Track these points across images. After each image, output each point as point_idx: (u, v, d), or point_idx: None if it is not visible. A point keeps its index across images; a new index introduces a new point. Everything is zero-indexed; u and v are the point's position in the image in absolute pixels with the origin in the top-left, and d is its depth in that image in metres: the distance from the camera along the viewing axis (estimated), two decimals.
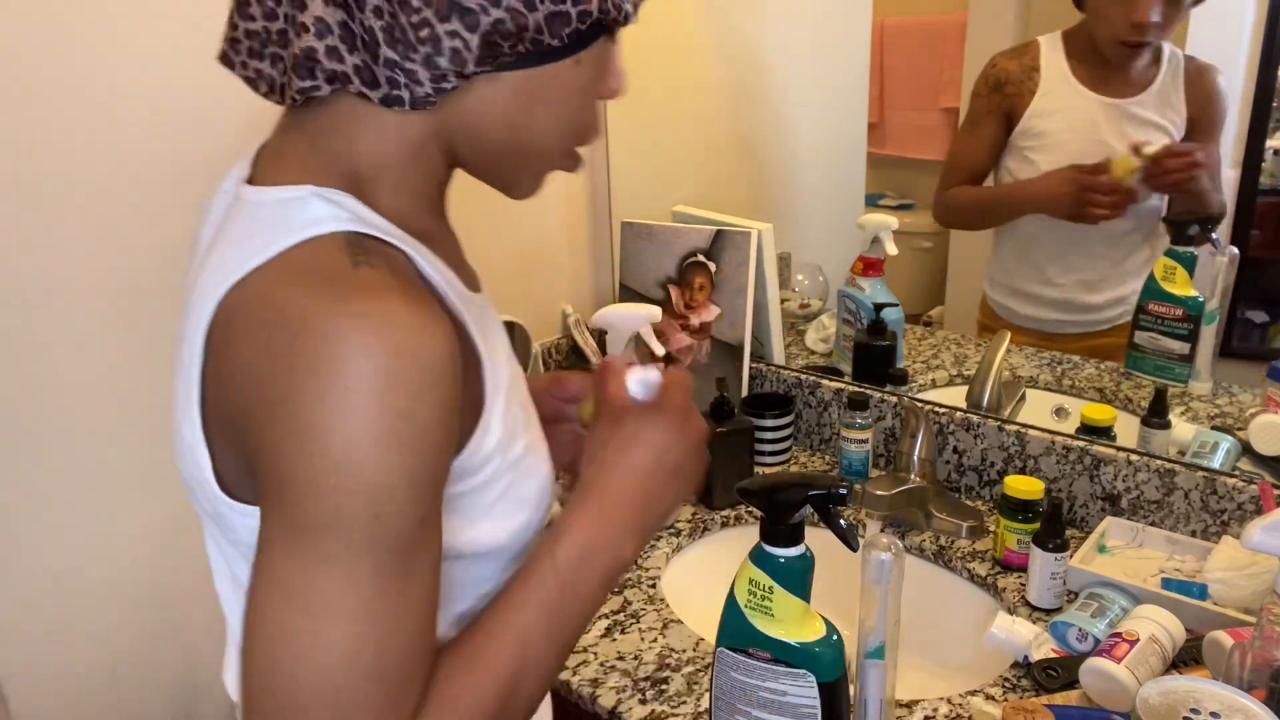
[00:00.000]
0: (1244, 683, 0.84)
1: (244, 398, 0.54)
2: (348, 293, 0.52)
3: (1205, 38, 1.21)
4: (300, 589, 0.52)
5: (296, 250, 0.55)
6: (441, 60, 0.57)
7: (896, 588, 0.87)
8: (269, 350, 0.52)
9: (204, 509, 0.63)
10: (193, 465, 0.60)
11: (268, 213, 0.58)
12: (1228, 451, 1.21)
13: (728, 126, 1.76)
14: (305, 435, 0.51)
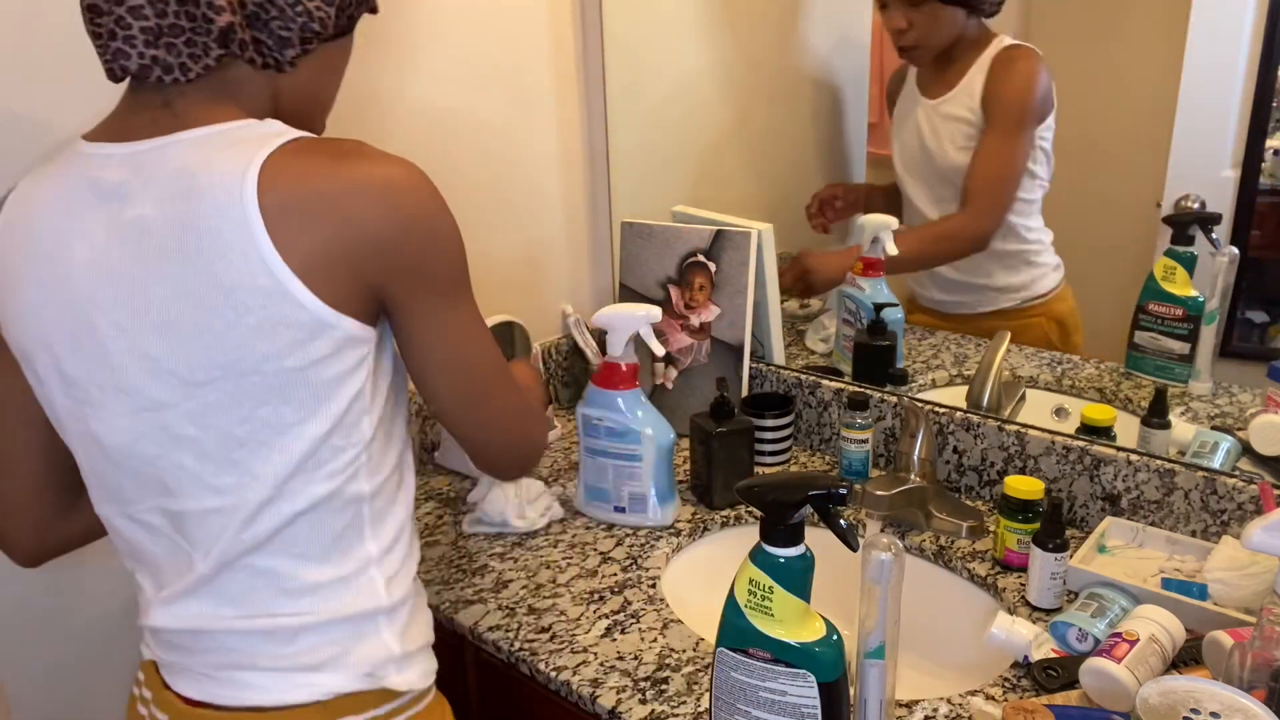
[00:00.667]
0: (1244, 683, 0.84)
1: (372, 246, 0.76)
2: (386, 159, 0.79)
3: (1205, 38, 1.21)
4: (467, 322, 0.86)
5: (296, 143, 0.76)
6: (314, 26, 0.80)
7: (896, 588, 0.87)
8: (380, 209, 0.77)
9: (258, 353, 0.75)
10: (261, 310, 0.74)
11: (236, 133, 0.77)
12: (1228, 451, 1.21)
13: (728, 127, 1.76)
14: (436, 245, 0.81)
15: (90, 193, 0.77)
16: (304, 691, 0.83)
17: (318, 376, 0.77)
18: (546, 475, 1.49)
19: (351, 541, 0.83)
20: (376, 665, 0.85)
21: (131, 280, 0.76)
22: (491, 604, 1.18)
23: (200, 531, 0.82)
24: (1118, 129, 1.33)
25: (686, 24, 1.71)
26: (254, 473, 0.79)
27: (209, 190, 0.73)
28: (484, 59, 1.55)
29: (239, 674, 0.84)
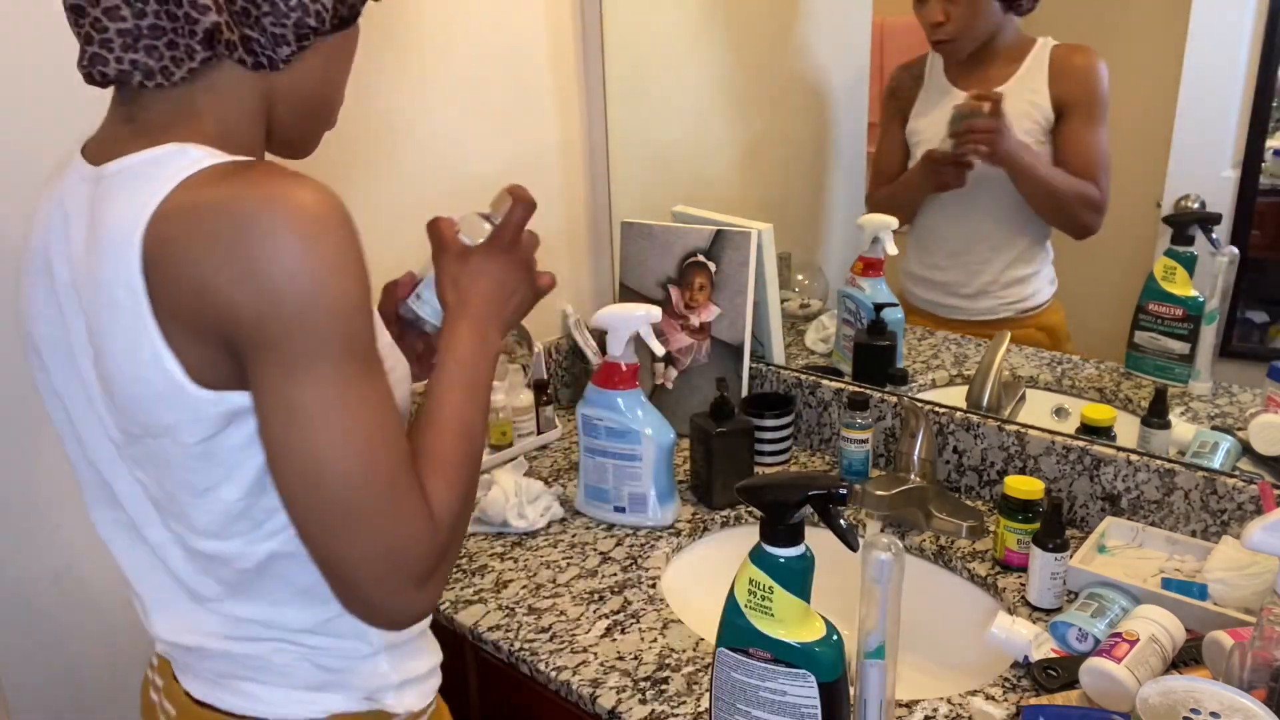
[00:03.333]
0: (1244, 683, 0.84)
1: (207, 287, 0.64)
2: (257, 178, 0.66)
3: (1205, 38, 1.21)
4: (315, 407, 0.66)
5: (191, 179, 0.66)
6: (310, 21, 0.73)
7: (896, 588, 0.87)
8: (218, 242, 0.64)
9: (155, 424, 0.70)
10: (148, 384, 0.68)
11: (149, 168, 0.68)
12: (1228, 451, 1.21)
13: (728, 126, 1.76)
14: (279, 289, 0.64)
15: (61, 219, 0.74)
16: (303, 708, 0.84)
17: (217, 448, 0.71)
18: (546, 475, 1.49)
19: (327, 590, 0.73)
20: (374, 691, 0.86)
21: (87, 322, 0.72)
22: (491, 604, 1.18)
23: (177, 565, 0.81)
24: (1118, 129, 1.33)
25: (686, 25, 1.71)
26: (193, 525, 0.76)
27: (109, 245, 0.67)
28: (484, 59, 1.55)
29: (241, 684, 0.84)
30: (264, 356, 0.65)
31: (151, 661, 0.94)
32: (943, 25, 1.42)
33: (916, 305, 1.55)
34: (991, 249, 1.47)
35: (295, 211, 0.64)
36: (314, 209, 0.65)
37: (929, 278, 1.53)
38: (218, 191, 0.65)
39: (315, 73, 0.77)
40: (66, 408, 0.80)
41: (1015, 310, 1.47)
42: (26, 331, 0.82)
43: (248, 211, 0.64)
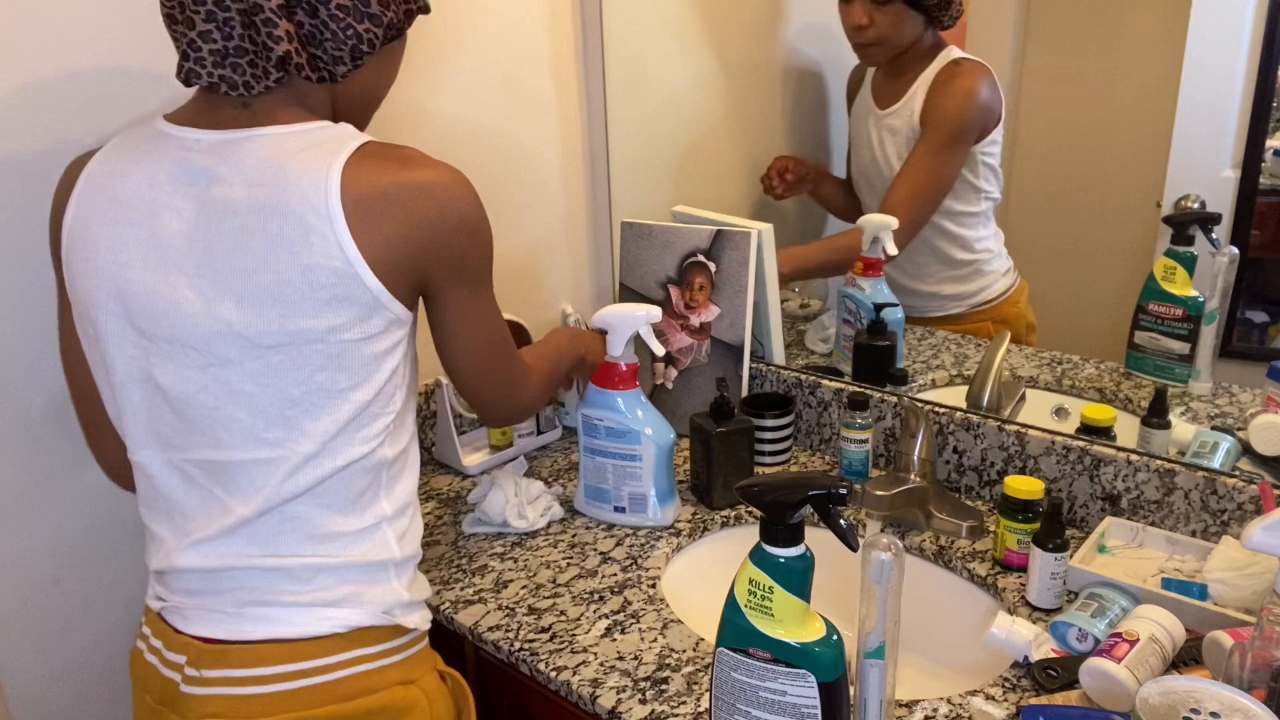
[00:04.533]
0: (1244, 683, 0.85)
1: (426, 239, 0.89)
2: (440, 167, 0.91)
3: (1205, 38, 1.21)
4: (488, 309, 1.00)
5: (368, 147, 0.88)
6: (364, 47, 0.91)
7: (896, 588, 0.87)
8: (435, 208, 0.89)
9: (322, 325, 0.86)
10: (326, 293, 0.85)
11: (315, 134, 0.89)
12: (1228, 451, 1.21)
13: (728, 127, 1.76)
14: (474, 233, 0.94)
15: (180, 171, 0.88)
16: (326, 624, 0.92)
17: (370, 350, 0.89)
18: (546, 475, 1.49)
19: (371, 500, 0.94)
20: (390, 606, 0.96)
21: (216, 251, 0.86)
22: (491, 604, 1.18)
23: (243, 479, 0.91)
24: (1118, 129, 1.33)
25: (686, 24, 1.71)
26: (304, 430, 0.89)
27: (296, 182, 0.84)
28: (484, 60, 1.55)
29: (261, 609, 0.92)
30: (458, 279, 0.94)
31: (142, 631, 0.99)
32: (865, 29, 1.43)
33: None
34: (916, 265, 1.50)
35: (466, 185, 0.92)
36: (469, 188, 0.92)
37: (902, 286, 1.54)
38: (426, 172, 0.89)
39: (370, 78, 0.97)
40: (143, 345, 0.90)
41: (966, 306, 1.49)
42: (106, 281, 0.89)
43: (453, 191, 0.91)
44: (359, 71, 0.93)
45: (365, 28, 0.90)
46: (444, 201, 0.90)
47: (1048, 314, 1.46)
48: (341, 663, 0.93)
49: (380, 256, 0.86)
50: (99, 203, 0.90)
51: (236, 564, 0.92)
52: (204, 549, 0.93)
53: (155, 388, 0.91)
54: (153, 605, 0.98)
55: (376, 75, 0.98)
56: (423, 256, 0.90)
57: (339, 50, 0.90)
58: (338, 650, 0.93)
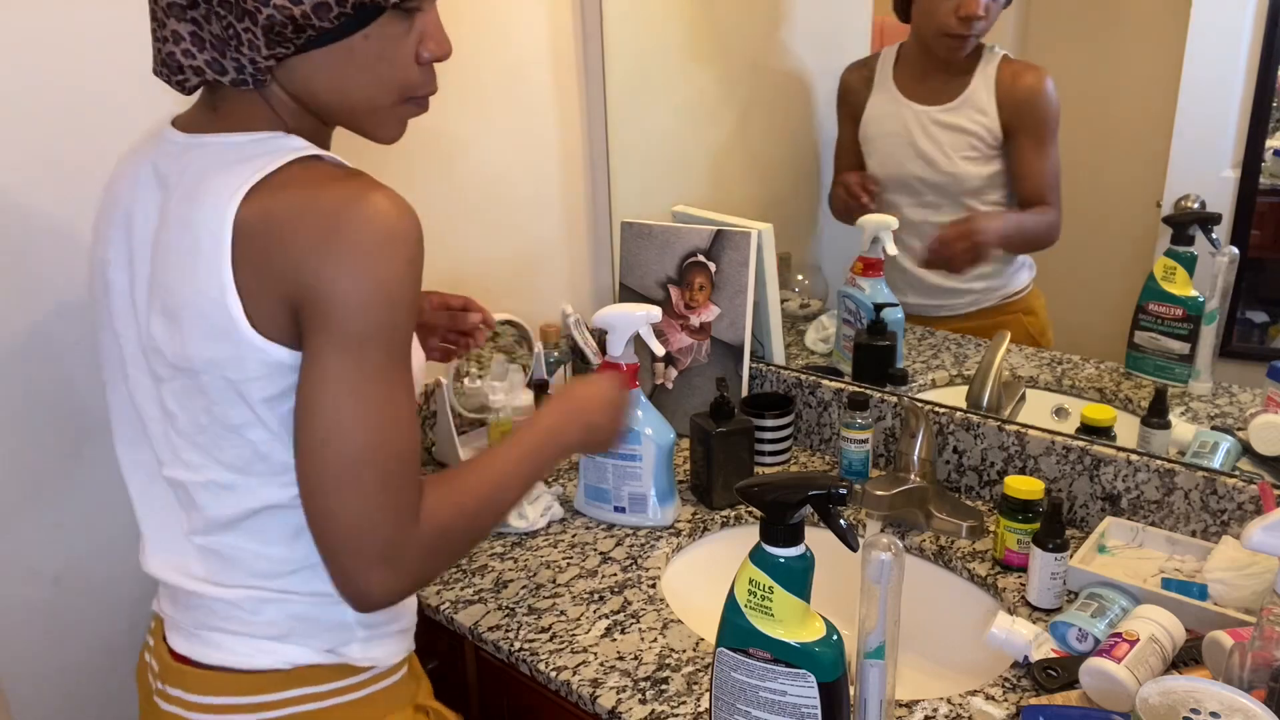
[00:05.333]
0: (1244, 683, 0.84)
1: (296, 262, 0.75)
2: (359, 187, 0.77)
3: (1205, 38, 1.21)
4: (348, 381, 0.76)
5: (293, 166, 0.78)
6: (245, 51, 0.78)
7: (896, 588, 0.87)
8: (320, 228, 0.75)
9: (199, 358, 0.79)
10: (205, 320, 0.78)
11: (251, 148, 0.80)
12: (1228, 451, 1.21)
13: (728, 126, 1.76)
14: (355, 275, 0.75)
15: (152, 175, 0.85)
16: (268, 658, 0.88)
17: (255, 392, 0.79)
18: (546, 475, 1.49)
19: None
20: (338, 643, 0.90)
21: (158, 263, 0.82)
22: (491, 604, 1.18)
23: (185, 499, 0.88)
24: (1118, 129, 1.33)
25: (686, 24, 1.71)
26: (216, 459, 0.84)
27: (207, 198, 0.78)
28: (484, 60, 1.55)
29: (213, 635, 0.89)
30: (323, 328, 0.76)
31: (149, 625, 1.00)
32: (979, 20, 1.35)
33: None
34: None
35: (382, 220, 0.76)
36: (397, 221, 0.76)
37: (909, 283, 1.53)
38: (327, 191, 0.77)
39: (319, 81, 0.82)
40: (120, 346, 0.88)
41: (998, 298, 1.48)
42: (100, 276, 0.90)
43: (347, 212, 0.75)
44: (294, 71, 0.81)
45: (244, 27, 0.77)
46: (332, 222, 0.75)
47: (1048, 314, 1.46)
48: (285, 700, 0.88)
49: (255, 290, 0.76)
50: (107, 198, 0.90)
51: (193, 587, 0.89)
52: (164, 560, 0.91)
53: (126, 387, 0.90)
54: (154, 607, 0.98)
55: (330, 79, 0.82)
56: (288, 283, 0.76)
57: (234, 53, 0.79)
58: (281, 687, 0.88)
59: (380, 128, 0.87)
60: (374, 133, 0.87)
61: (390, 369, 0.77)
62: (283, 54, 0.79)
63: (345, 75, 0.82)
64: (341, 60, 0.81)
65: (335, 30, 0.78)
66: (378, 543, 0.77)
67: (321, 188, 0.77)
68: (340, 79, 0.82)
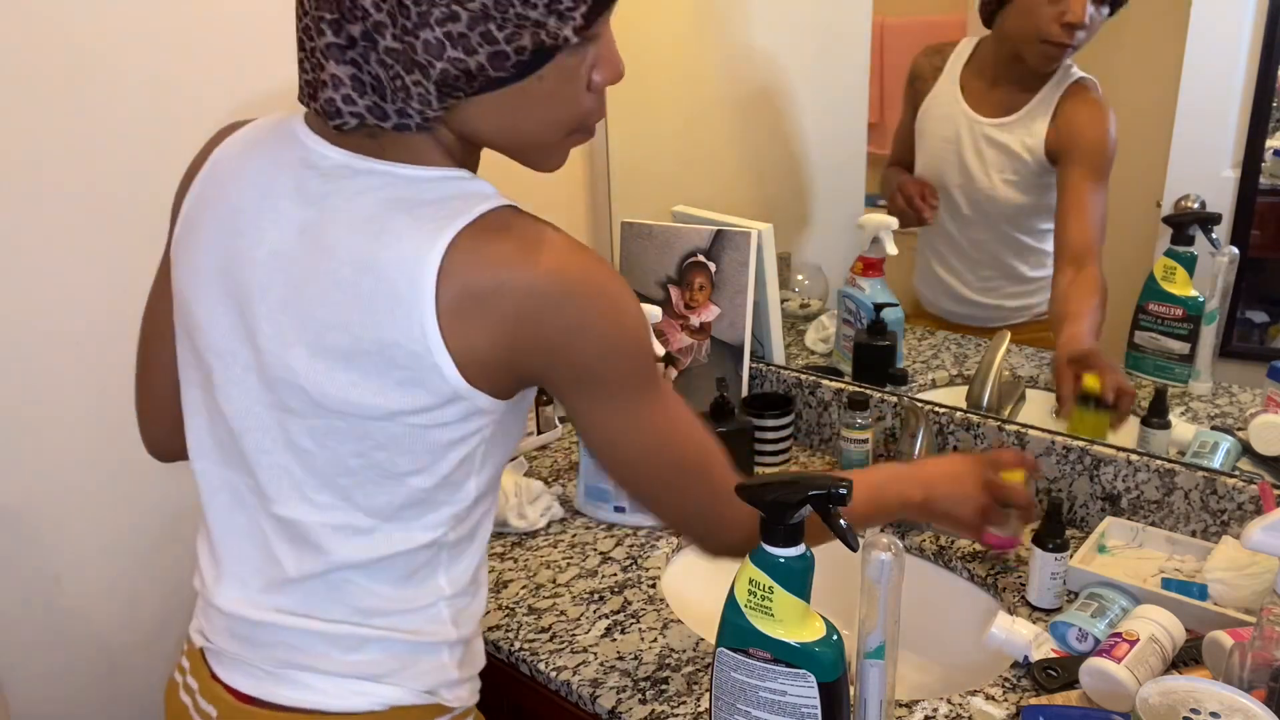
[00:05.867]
0: (1244, 683, 0.84)
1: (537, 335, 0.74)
2: (578, 250, 0.76)
3: (1205, 38, 1.21)
4: (651, 418, 0.81)
5: (488, 218, 0.74)
6: (414, 104, 0.73)
7: (896, 588, 0.87)
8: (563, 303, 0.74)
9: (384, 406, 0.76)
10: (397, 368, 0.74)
11: (437, 186, 0.76)
12: (1228, 451, 1.21)
13: (728, 126, 1.76)
14: (610, 338, 0.76)
15: (297, 190, 0.78)
16: (362, 700, 0.84)
17: (440, 437, 0.77)
18: (546, 475, 1.49)
19: (427, 576, 0.84)
20: (436, 685, 0.87)
21: (303, 290, 0.76)
22: (491, 604, 1.18)
23: (294, 535, 0.82)
24: (1118, 129, 1.33)
25: (686, 24, 1.71)
26: (356, 503, 0.80)
27: (398, 241, 0.73)
28: None
29: (300, 674, 0.84)
30: (590, 387, 0.78)
31: (182, 663, 0.93)
32: (1081, 28, 1.25)
33: (930, 312, 1.54)
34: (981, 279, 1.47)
35: (597, 268, 0.76)
36: (609, 282, 0.76)
37: (953, 291, 1.51)
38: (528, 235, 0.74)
39: (487, 123, 0.77)
40: (208, 360, 0.83)
41: (1029, 316, 1.46)
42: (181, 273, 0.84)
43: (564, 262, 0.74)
44: (461, 113, 0.75)
45: (415, 79, 0.72)
46: (560, 302, 0.74)
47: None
48: None
49: (471, 351, 0.74)
50: (215, 199, 0.82)
51: (279, 621, 0.84)
52: (247, 594, 0.85)
53: (215, 406, 0.84)
54: (195, 640, 0.91)
55: (505, 118, 0.77)
56: (529, 362, 0.76)
57: (399, 100, 0.73)
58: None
59: (548, 160, 0.82)
60: (539, 165, 0.83)
61: (659, 388, 0.82)
62: (453, 104, 0.74)
63: (518, 117, 0.77)
64: (514, 102, 0.76)
65: (507, 79, 0.73)
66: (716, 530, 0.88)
67: (535, 256, 0.74)
68: (512, 120, 0.77)
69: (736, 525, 0.86)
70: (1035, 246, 1.42)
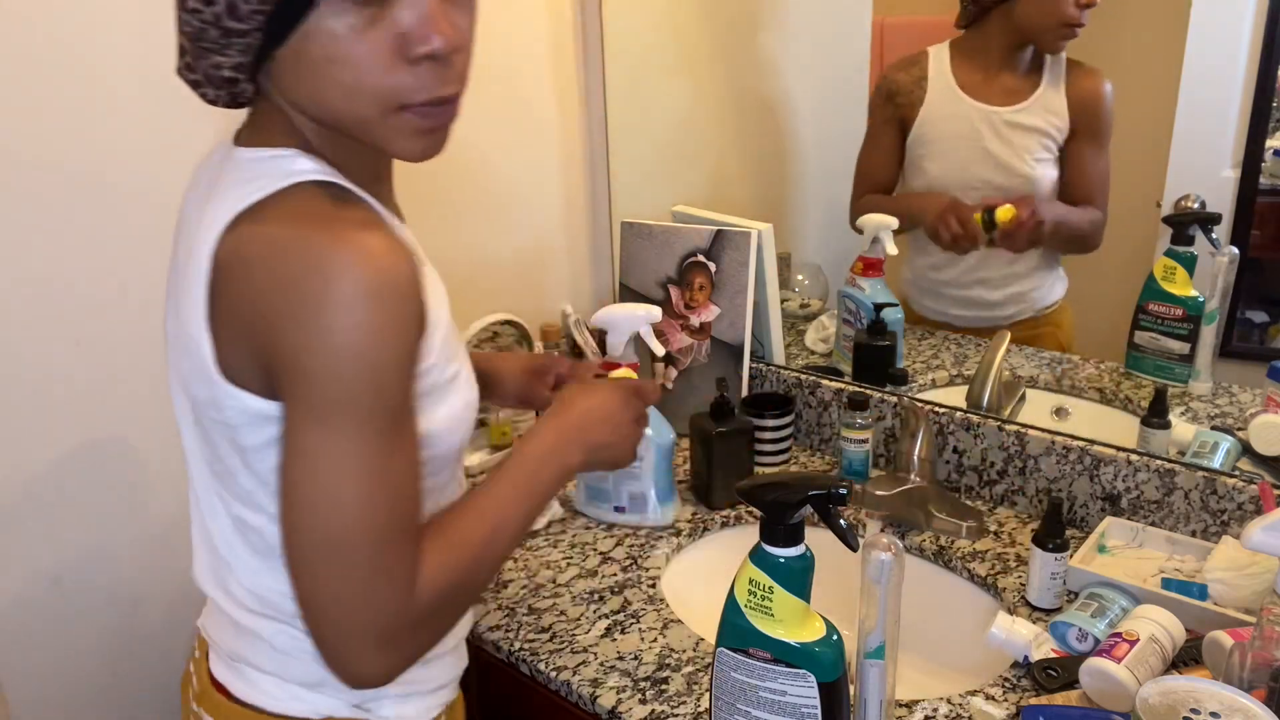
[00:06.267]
0: (1244, 683, 0.84)
1: (261, 313, 0.67)
2: (339, 229, 0.67)
3: (1205, 38, 1.21)
4: (325, 455, 0.67)
5: (288, 191, 0.70)
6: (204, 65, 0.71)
7: (896, 588, 0.87)
8: (281, 277, 0.66)
9: (195, 395, 0.75)
10: (194, 356, 0.72)
11: (258, 166, 0.73)
12: (1228, 451, 1.21)
13: (728, 126, 1.76)
14: (319, 336, 0.66)
15: (204, 187, 0.78)
16: (300, 705, 0.84)
17: (242, 439, 0.74)
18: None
19: None
20: (365, 699, 0.85)
21: (175, 287, 0.77)
22: (491, 604, 1.18)
23: (216, 528, 0.83)
24: (1118, 129, 1.33)
25: (686, 24, 1.71)
26: (224, 498, 0.80)
27: (206, 222, 0.72)
28: (484, 60, 1.55)
29: (250, 671, 0.85)
30: (295, 395, 0.68)
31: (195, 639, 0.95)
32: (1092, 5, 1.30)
33: (926, 316, 1.54)
34: (1009, 261, 1.44)
35: (350, 268, 0.66)
36: (372, 276, 0.66)
37: (949, 294, 1.51)
38: (304, 234, 0.67)
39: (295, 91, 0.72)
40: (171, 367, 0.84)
41: (1033, 311, 1.46)
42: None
43: (317, 266, 0.66)
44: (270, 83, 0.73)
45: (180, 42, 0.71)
46: (300, 278, 0.65)
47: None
48: None
49: (224, 331, 0.70)
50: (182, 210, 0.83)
51: (230, 611, 0.84)
52: (206, 575, 0.87)
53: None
54: (200, 624, 0.93)
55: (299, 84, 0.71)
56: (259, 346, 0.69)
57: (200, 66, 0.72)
58: None
59: (387, 142, 0.73)
60: (385, 148, 0.75)
61: (378, 437, 0.68)
62: (225, 62, 0.70)
63: (308, 82, 0.71)
64: (295, 65, 0.70)
65: (269, 32, 0.68)
66: (373, 625, 0.70)
67: (297, 228, 0.68)
68: (308, 86, 0.71)
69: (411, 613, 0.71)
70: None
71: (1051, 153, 1.37)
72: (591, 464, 0.93)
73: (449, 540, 0.75)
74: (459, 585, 0.75)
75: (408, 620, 0.71)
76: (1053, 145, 1.37)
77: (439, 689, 0.91)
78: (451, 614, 0.76)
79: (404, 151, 0.75)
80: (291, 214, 0.69)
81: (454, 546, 0.75)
